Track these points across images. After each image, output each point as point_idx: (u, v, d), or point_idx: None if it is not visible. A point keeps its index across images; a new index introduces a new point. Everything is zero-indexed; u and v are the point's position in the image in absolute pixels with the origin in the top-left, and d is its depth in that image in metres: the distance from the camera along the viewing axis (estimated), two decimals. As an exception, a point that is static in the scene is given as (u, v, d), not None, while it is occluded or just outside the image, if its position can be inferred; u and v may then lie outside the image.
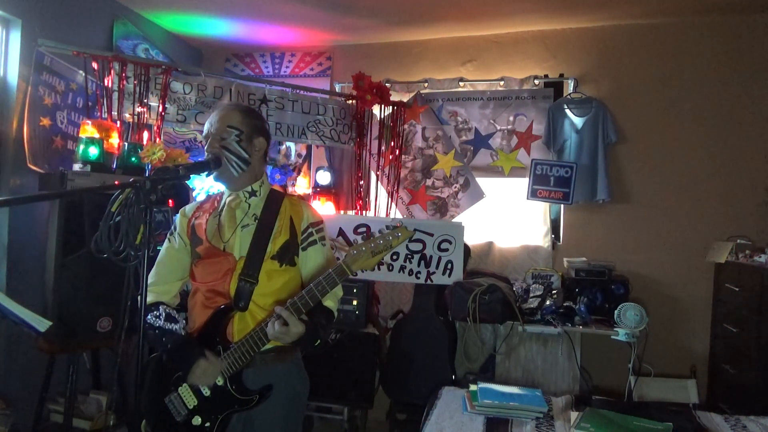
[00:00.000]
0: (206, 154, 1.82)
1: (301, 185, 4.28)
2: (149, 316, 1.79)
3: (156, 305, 1.82)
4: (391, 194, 4.07)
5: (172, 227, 1.94)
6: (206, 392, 1.77)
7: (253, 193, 1.87)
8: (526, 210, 4.05)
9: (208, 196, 2.01)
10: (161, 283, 1.87)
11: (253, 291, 1.77)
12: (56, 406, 3.00)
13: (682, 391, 3.25)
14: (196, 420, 1.76)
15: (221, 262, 1.80)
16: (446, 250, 3.33)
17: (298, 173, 4.39)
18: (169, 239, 1.92)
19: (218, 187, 1.95)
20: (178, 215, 1.95)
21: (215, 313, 1.79)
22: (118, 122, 3.10)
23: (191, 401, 1.77)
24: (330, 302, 1.84)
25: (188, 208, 1.97)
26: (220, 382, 1.76)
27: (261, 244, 1.80)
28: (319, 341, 1.77)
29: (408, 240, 1.95)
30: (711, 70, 3.73)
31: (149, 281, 1.86)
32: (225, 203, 1.88)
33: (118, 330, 1.60)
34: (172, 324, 1.80)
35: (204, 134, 1.86)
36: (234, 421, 1.79)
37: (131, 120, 3.15)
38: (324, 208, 3.89)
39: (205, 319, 1.80)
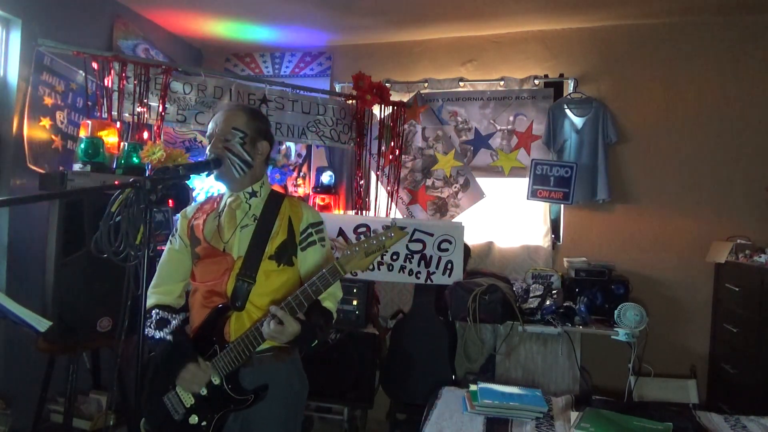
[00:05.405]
0: (208, 153, 1.82)
1: (301, 185, 4.28)
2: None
3: (149, 311, 1.81)
4: (391, 194, 4.07)
5: (174, 229, 1.95)
6: (203, 391, 1.77)
7: (253, 194, 1.87)
8: (526, 210, 4.05)
9: (209, 197, 2.01)
10: (164, 284, 1.89)
11: (250, 291, 1.78)
12: (56, 406, 3.00)
13: (682, 391, 3.25)
14: (193, 419, 1.76)
15: (219, 262, 1.81)
16: (446, 250, 3.33)
17: (298, 173, 4.39)
18: (170, 241, 1.93)
19: (219, 188, 1.95)
20: (179, 217, 1.96)
21: (212, 312, 1.79)
22: (118, 122, 3.09)
23: (188, 400, 1.77)
24: (329, 303, 1.84)
25: (189, 209, 1.98)
26: (216, 381, 1.76)
27: (259, 245, 1.80)
28: (316, 342, 1.77)
29: (404, 240, 1.95)
30: (711, 70, 3.72)
31: (152, 283, 1.88)
32: (226, 204, 1.88)
33: (118, 330, 1.59)
34: (162, 330, 1.79)
35: (207, 134, 1.86)
36: (231, 421, 1.79)
37: (131, 120, 3.15)
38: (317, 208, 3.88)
39: (202, 319, 1.81)
